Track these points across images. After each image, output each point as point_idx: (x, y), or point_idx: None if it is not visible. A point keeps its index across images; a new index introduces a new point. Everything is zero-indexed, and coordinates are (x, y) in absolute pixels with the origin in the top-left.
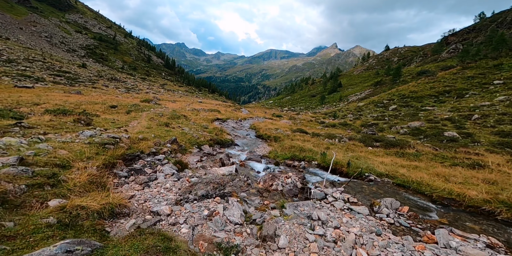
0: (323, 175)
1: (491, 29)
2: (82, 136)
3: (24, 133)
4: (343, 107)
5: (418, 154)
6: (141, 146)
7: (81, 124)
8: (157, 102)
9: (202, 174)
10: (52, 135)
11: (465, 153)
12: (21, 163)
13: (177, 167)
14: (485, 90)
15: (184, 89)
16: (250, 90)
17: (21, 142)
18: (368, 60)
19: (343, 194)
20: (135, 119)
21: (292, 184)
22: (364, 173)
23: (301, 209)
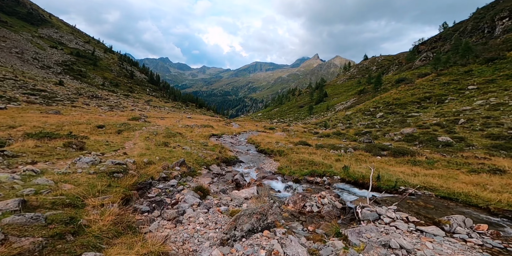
0: (352, 190)
1: (455, 38)
2: (80, 163)
3: (9, 163)
4: (332, 117)
5: (432, 161)
6: (150, 171)
7: (73, 149)
8: (146, 120)
9: (228, 200)
10: (43, 164)
11: (474, 158)
12: (25, 206)
13: (199, 194)
14: (462, 96)
15: (171, 105)
16: (238, 103)
17: (13, 177)
18: (349, 69)
19: (397, 212)
20: (128, 139)
21: (330, 204)
22: (399, 186)
23: (366, 235)
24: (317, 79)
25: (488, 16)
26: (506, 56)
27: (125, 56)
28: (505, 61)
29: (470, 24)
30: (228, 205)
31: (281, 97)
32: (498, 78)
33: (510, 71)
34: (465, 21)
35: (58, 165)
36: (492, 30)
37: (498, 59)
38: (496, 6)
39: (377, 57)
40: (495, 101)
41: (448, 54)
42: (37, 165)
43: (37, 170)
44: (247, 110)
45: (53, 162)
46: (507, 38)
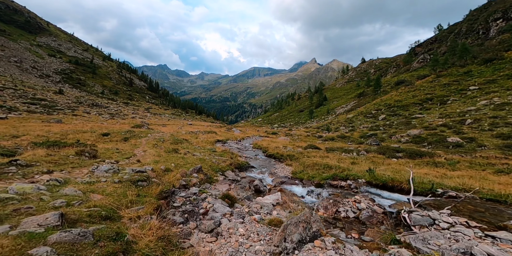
0: (383, 194)
1: (451, 40)
2: (98, 172)
3: (25, 173)
4: (333, 120)
5: (453, 163)
6: (169, 179)
7: (85, 157)
8: (148, 127)
9: (257, 207)
10: (59, 173)
11: (494, 158)
12: (64, 220)
13: (227, 203)
14: (464, 96)
15: (171, 112)
16: (237, 109)
17: (38, 187)
18: (348, 73)
19: (452, 217)
20: (136, 147)
21: (369, 209)
22: (435, 189)
23: (435, 242)
24: (315, 83)
25: (482, 17)
26: (504, 57)
27: (123, 63)
28: (504, 61)
29: (465, 25)
30: (259, 213)
31: (280, 102)
32: (499, 78)
33: (510, 71)
34: (459, 23)
35: (75, 174)
36: (487, 31)
37: (497, 60)
38: (488, 7)
39: (374, 60)
40: (499, 101)
41: (446, 56)
42: (53, 174)
43: (60, 180)
44: (246, 116)
45: (68, 170)
46: (502, 39)
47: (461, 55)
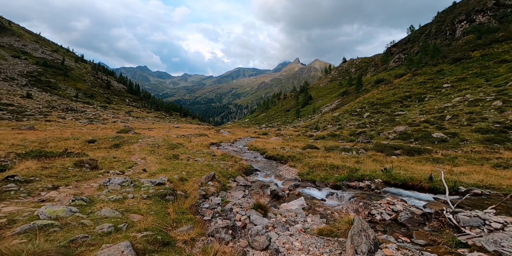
0: (407, 193)
1: (422, 40)
2: (112, 186)
3: (29, 191)
4: (320, 119)
5: (452, 158)
6: (188, 189)
7: (86, 168)
8: (135, 131)
9: (292, 216)
10: (66, 188)
11: (486, 152)
12: (135, 252)
13: (260, 213)
14: (439, 93)
15: (154, 115)
16: (222, 110)
17: (70, 209)
18: (330, 72)
19: (499, 216)
20: (131, 154)
21: (407, 211)
22: (458, 187)
23: (510, 244)
24: (299, 83)
25: (448, 19)
26: (471, 56)
27: (99, 65)
28: (471, 60)
29: (434, 27)
30: (297, 222)
31: (267, 102)
32: (468, 76)
33: (477, 69)
34: (429, 24)
35: (83, 188)
36: (453, 33)
37: (465, 59)
38: (454, 10)
39: (355, 60)
40: (472, 98)
41: (419, 55)
42: (60, 190)
43: (85, 199)
44: (232, 117)
45: (75, 185)
46: (468, 40)
47: (433, 55)
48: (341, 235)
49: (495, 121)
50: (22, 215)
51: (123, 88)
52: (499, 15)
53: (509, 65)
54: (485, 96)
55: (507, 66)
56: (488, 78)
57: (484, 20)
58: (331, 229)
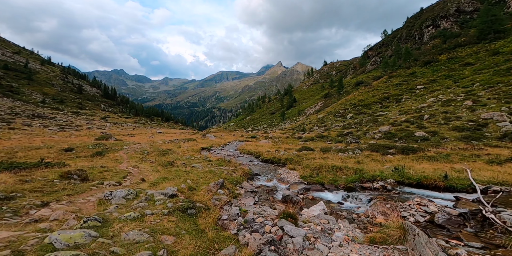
0: (425, 193)
1: (395, 44)
2: (116, 199)
3: (14, 210)
4: (305, 121)
5: (447, 156)
6: (200, 199)
7: (75, 180)
8: (116, 138)
9: (324, 223)
10: (58, 204)
11: (473, 149)
12: None
13: (291, 222)
14: (414, 94)
15: (133, 121)
16: (206, 114)
17: (89, 234)
18: (312, 75)
19: None
20: (119, 162)
21: (443, 212)
22: (474, 185)
23: None
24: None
25: (417, 24)
26: (439, 59)
27: (69, 68)
28: (439, 63)
29: (405, 31)
30: (333, 229)
31: (251, 105)
32: (438, 78)
33: (445, 72)
34: (400, 29)
35: (79, 204)
36: (422, 37)
37: (433, 62)
38: (421, 15)
39: (335, 63)
40: (444, 98)
41: (393, 59)
42: (52, 207)
43: (98, 218)
44: (216, 121)
45: (69, 200)
46: (434, 44)
47: (405, 58)
48: (395, 242)
49: (469, 120)
50: (27, 243)
51: (97, 93)
52: (460, 21)
53: (473, 68)
54: (456, 97)
55: (471, 68)
56: (455, 80)
57: (447, 26)
58: (383, 236)
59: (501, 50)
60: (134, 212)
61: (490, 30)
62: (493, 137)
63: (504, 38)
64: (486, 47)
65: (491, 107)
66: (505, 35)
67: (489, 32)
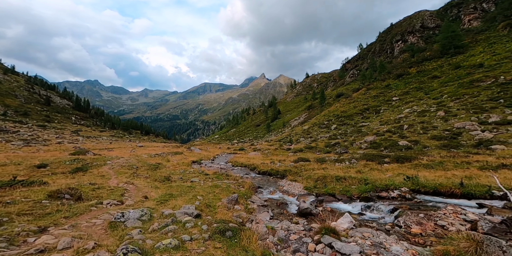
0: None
1: (370, 57)
2: (131, 222)
3: (8, 238)
4: (291, 133)
5: (440, 163)
6: (224, 218)
7: (67, 200)
8: (94, 153)
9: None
10: (59, 230)
11: (461, 156)
12: None
13: (334, 238)
14: (391, 106)
15: (109, 134)
16: (188, 127)
17: None
18: (295, 87)
19: None
20: (106, 178)
21: (485, 220)
22: (491, 191)
23: None
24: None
25: (388, 39)
26: (410, 72)
27: (35, 78)
28: (410, 76)
29: (378, 45)
30: (383, 243)
31: (236, 117)
32: (411, 90)
33: (416, 84)
34: (374, 43)
35: (84, 228)
36: (393, 51)
37: (405, 75)
38: (391, 30)
39: (316, 75)
40: (419, 109)
41: (369, 71)
42: (53, 233)
43: (137, 249)
44: (199, 134)
45: (72, 224)
46: (404, 58)
47: (380, 71)
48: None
49: (444, 129)
50: None
51: (68, 105)
52: (425, 37)
53: (440, 81)
54: (429, 108)
55: (438, 81)
56: (426, 92)
57: (414, 41)
58: (455, 249)
59: (461, 64)
60: (172, 239)
61: (450, 46)
62: (469, 144)
63: (463, 53)
64: (448, 61)
65: (461, 117)
66: (463, 50)
67: (450, 47)
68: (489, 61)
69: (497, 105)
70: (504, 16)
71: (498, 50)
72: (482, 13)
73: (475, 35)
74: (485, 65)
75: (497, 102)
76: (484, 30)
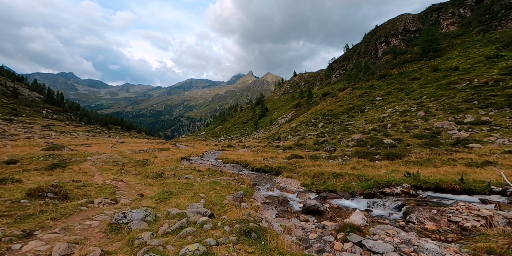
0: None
1: (355, 58)
2: (135, 224)
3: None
4: (279, 130)
5: (429, 160)
6: (236, 217)
7: (52, 199)
8: (71, 148)
9: (395, 233)
10: (49, 234)
11: (447, 154)
12: None
13: (359, 235)
14: (374, 105)
15: (86, 129)
16: (173, 123)
17: None
18: (283, 85)
19: None
20: (89, 175)
21: (500, 216)
22: (490, 187)
23: None
24: (253, 96)
25: (373, 40)
26: (392, 74)
27: (1, 68)
28: (392, 77)
29: (363, 47)
30: (411, 240)
31: (223, 114)
32: (393, 91)
33: (398, 85)
34: (359, 44)
35: (79, 231)
36: (376, 53)
37: (388, 76)
38: (376, 32)
39: (303, 74)
40: (401, 109)
41: (354, 72)
42: (41, 238)
43: None
44: (184, 131)
45: (62, 227)
46: (387, 59)
47: (365, 72)
48: None
49: (425, 128)
50: None
51: (38, 98)
52: (406, 39)
53: (419, 82)
54: (410, 108)
55: (418, 83)
56: (407, 93)
57: (396, 43)
58: (491, 246)
59: (439, 67)
60: (198, 244)
61: (430, 49)
62: (447, 143)
63: (441, 56)
64: (427, 63)
65: (439, 117)
66: (441, 53)
67: (429, 50)
68: (464, 65)
69: (472, 106)
70: (479, 22)
71: (472, 55)
72: (459, 18)
73: (452, 40)
74: (461, 69)
75: (472, 103)
76: (460, 34)
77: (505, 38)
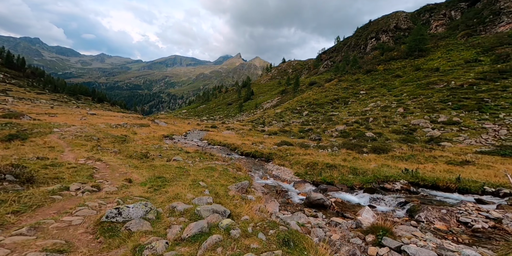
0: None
1: (344, 51)
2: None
3: None
4: (264, 115)
5: (412, 156)
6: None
7: (12, 183)
8: (31, 117)
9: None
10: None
11: (427, 151)
12: None
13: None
14: (358, 99)
15: (50, 98)
16: (152, 99)
17: None
18: (271, 71)
19: None
20: (56, 150)
21: (509, 218)
22: (484, 187)
23: None
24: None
25: (364, 35)
26: (377, 69)
27: None
28: (377, 73)
29: (354, 40)
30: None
31: (207, 93)
32: (376, 86)
33: (381, 81)
34: (350, 37)
35: (55, 232)
36: (365, 47)
37: (373, 71)
38: (369, 27)
39: (292, 61)
40: (382, 104)
41: (342, 64)
42: (13, 240)
43: None
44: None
45: (32, 225)
46: (375, 55)
47: (352, 65)
48: None
49: (403, 125)
50: None
51: None
52: (396, 37)
53: (402, 80)
54: (391, 104)
55: (400, 80)
56: (389, 89)
57: (386, 40)
58: None
59: (422, 67)
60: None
61: (416, 48)
62: (422, 140)
63: (424, 56)
64: (411, 62)
65: (417, 115)
66: (425, 53)
67: (415, 50)
68: (444, 67)
69: (446, 107)
70: (466, 26)
71: (453, 57)
72: (449, 20)
73: (438, 41)
74: (441, 70)
75: (446, 104)
76: (446, 37)
77: (486, 43)
